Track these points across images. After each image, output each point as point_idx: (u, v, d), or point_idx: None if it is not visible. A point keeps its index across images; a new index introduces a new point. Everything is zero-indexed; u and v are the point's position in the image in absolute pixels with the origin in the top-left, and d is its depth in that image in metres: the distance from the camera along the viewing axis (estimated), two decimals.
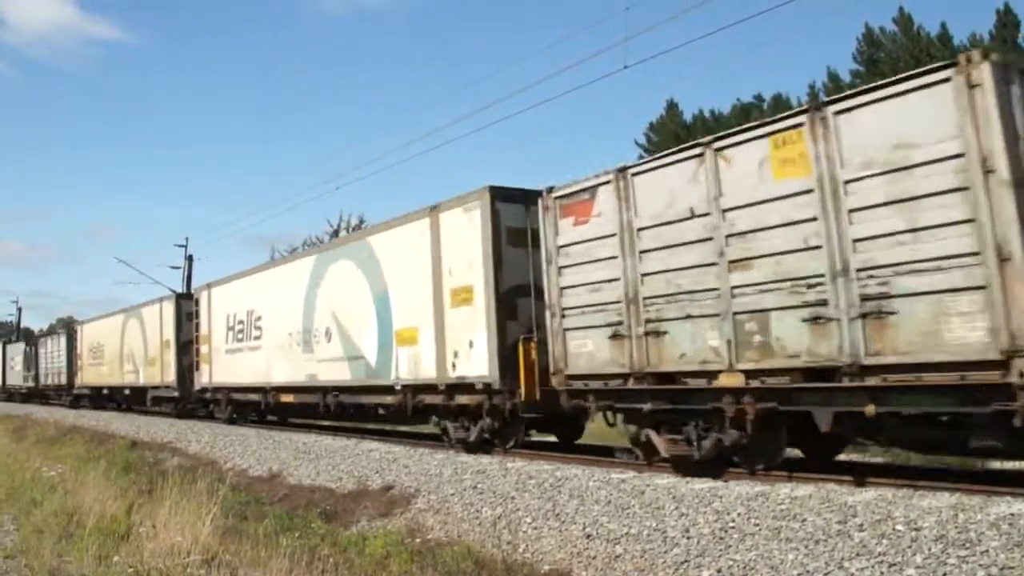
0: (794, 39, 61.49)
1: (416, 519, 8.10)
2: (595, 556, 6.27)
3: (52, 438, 19.03)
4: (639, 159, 9.42)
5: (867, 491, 6.32)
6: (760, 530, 5.83)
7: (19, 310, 63.75)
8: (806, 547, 5.40)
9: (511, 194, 10.38)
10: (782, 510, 6.06)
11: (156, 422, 20.57)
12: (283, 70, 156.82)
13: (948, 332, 5.76)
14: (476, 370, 10.27)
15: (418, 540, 7.31)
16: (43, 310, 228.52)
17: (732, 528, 5.98)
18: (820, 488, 6.55)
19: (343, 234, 35.36)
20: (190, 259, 36.28)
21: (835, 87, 28.76)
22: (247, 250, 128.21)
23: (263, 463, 12.34)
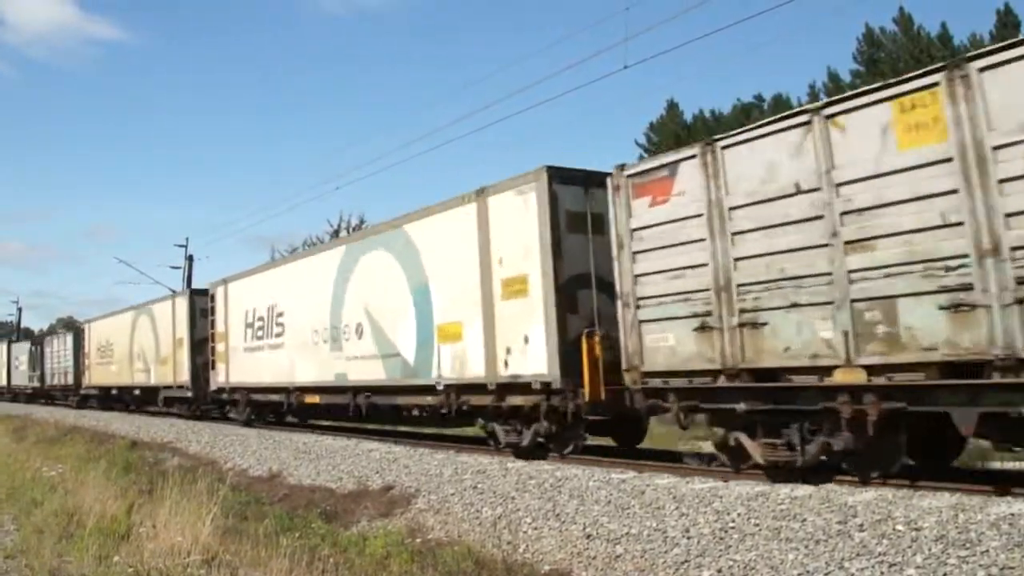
0: (794, 39, 61.56)
1: (416, 519, 8.10)
2: (595, 556, 6.28)
3: (52, 438, 19.02)
4: (639, 159, 9.18)
5: (867, 491, 6.32)
6: (760, 530, 5.83)
7: (19, 310, 63.61)
8: (806, 547, 5.40)
9: (570, 175, 9.53)
10: (782, 510, 6.07)
11: (156, 422, 20.57)
12: (283, 70, 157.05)
13: None
14: (533, 368, 9.40)
15: (418, 540, 7.32)
16: (43, 310, 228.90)
17: (732, 528, 5.99)
18: (820, 488, 6.55)
19: (343, 234, 34.99)
20: (190, 259, 36.31)
21: (835, 87, 28.78)
22: (247, 250, 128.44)
23: (263, 463, 12.35)
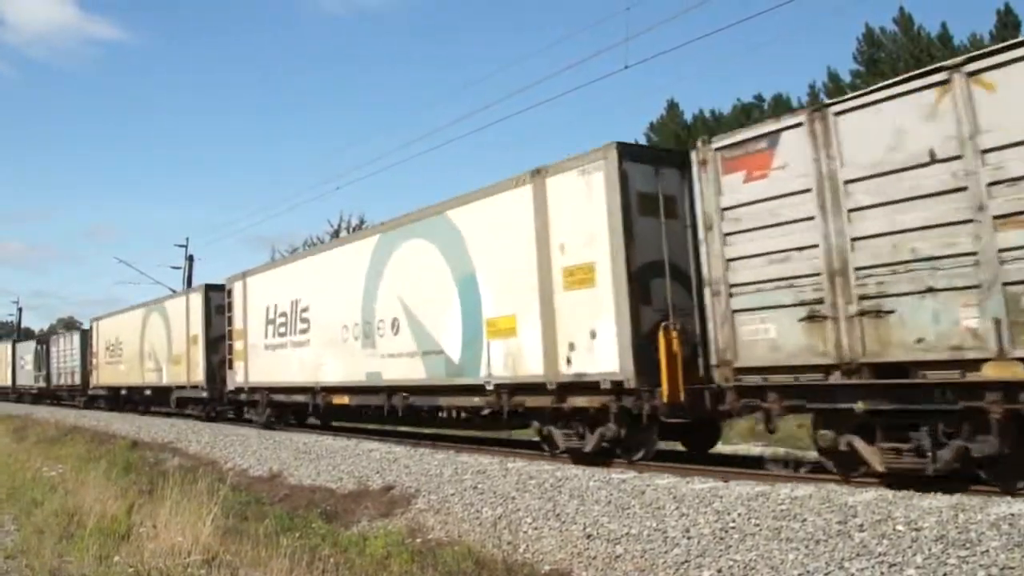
0: (794, 39, 61.45)
1: (417, 519, 8.10)
2: (595, 556, 6.27)
3: (53, 438, 19.02)
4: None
5: (867, 491, 6.31)
6: (760, 530, 5.83)
7: (19, 310, 64.00)
8: (806, 547, 5.40)
9: (640, 153, 8.81)
10: (782, 510, 6.06)
11: (157, 422, 20.56)
12: (283, 70, 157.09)
13: None
14: (601, 365, 8.54)
15: (419, 540, 7.32)
16: (43, 310, 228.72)
17: (732, 528, 5.99)
18: (820, 488, 6.55)
19: (343, 234, 34.52)
20: (190, 259, 36.39)
21: (835, 87, 28.74)
22: (247, 250, 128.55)
23: (263, 463, 12.35)
